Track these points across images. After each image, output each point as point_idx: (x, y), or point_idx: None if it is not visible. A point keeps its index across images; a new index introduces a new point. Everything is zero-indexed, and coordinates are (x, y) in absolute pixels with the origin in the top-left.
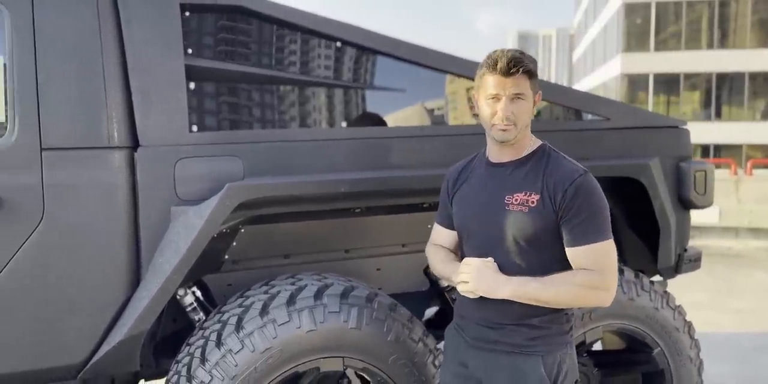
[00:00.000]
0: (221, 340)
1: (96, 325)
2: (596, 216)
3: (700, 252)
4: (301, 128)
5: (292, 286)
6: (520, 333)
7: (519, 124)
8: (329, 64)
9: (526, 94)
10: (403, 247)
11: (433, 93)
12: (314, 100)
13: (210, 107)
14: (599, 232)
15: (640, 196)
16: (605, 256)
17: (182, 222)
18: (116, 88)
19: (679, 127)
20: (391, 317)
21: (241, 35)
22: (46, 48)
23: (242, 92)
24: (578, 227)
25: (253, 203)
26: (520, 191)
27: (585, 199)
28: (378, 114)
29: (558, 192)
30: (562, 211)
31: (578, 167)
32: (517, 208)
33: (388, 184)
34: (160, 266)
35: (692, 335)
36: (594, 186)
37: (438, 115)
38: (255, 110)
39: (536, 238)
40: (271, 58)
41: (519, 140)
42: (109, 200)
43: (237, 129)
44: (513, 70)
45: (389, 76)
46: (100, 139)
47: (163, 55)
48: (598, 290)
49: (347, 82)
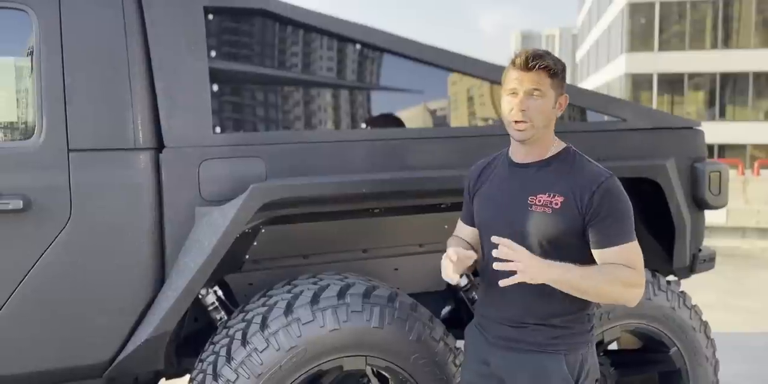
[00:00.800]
0: (246, 339)
1: (122, 324)
2: (623, 218)
3: (714, 252)
4: (322, 129)
5: (315, 286)
6: (542, 332)
7: (536, 121)
8: (348, 67)
9: (545, 91)
10: (420, 247)
11: (452, 95)
12: (334, 102)
13: (233, 109)
14: (627, 233)
15: (655, 196)
16: (636, 256)
17: (207, 222)
18: (141, 90)
19: (694, 127)
20: (412, 317)
21: (263, 38)
22: (72, 49)
23: (264, 94)
24: (607, 229)
25: (276, 204)
26: (543, 192)
27: (612, 202)
28: (398, 115)
29: (585, 195)
30: (589, 215)
31: (603, 170)
32: (540, 210)
33: (410, 184)
34: (185, 266)
35: (708, 335)
36: (620, 189)
37: (457, 117)
38: (277, 112)
39: (558, 240)
40: (292, 60)
41: (539, 140)
42: (135, 201)
43: (259, 130)
44: (531, 64)
45: (410, 78)
46: (125, 140)
47: (187, 57)
48: (634, 287)
49: (367, 84)
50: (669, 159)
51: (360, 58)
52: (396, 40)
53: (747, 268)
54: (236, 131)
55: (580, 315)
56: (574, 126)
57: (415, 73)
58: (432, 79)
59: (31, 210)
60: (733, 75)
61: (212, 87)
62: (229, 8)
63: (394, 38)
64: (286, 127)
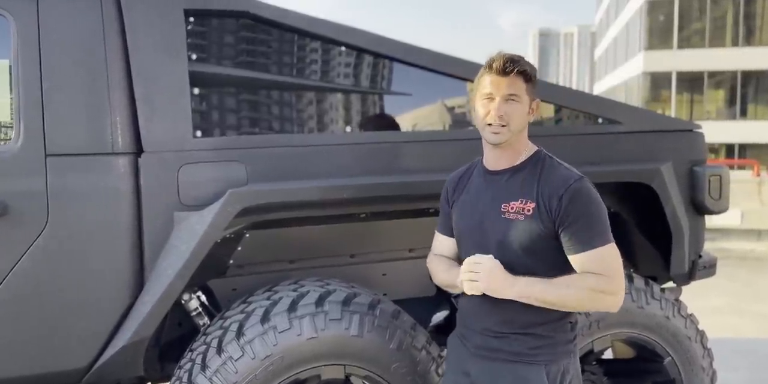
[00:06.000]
0: (222, 347)
1: (100, 330)
2: (595, 221)
3: (715, 258)
4: (304, 133)
5: (294, 293)
6: (523, 341)
7: (512, 126)
8: (334, 69)
9: (521, 96)
10: (410, 252)
11: (439, 96)
12: (318, 105)
13: (213, 113)
14: (600, 236)
15: (652, 201)
16: (611, 260)
17: (185, 227)
18: (120, 94)
19: (693, 130)
20: (393, 325)
21: (245, 41)
22: (50, 54)
23: (246, 98)
24: (578, 234)
25: (258, 208)
26: (516, 199)
27: (581, 205)
28: (383, 118)
29: (553, 199)
30: (559, 219)
31: (573, 173)
32: (513, 217)
33: (392, 189)
34: (163, 271)
35: (705, 344)
36: (589, 191)
37: (444, 119)
38: (258, 116)
39: (534, 247)
40: (275, 63)
41: (513, 144)
42: (113, 206)
43: (240, 134)
44: (509, 70)
45: (396, 80)
46: (104, 145)
47: (166, 61)
48: (606, 294)
49: (352, 87)
50: (665, 162)
51: (345, 60)
52: (382, 42)
53: (761, 272)
54: (216, 135)
55: (562, 323)
56: (567, 129)
57: (402, 74)
58: (419, 80)
59: (8, 215)
60: (754, 73)
61: (192, 91)
62: (211, 11)
63: (381, 40)
64: (268, 131)
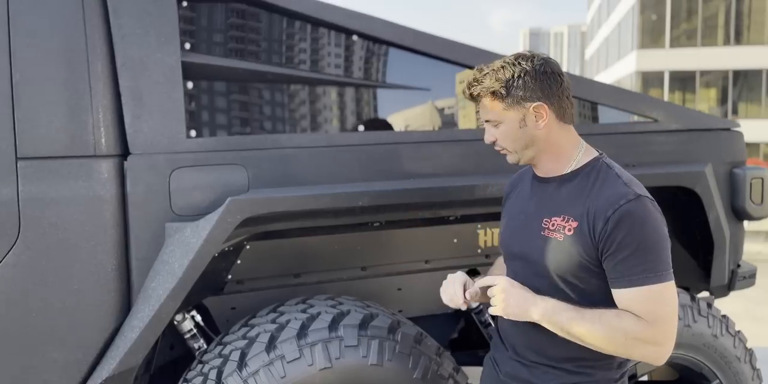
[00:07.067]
0: (222, 380)
1: (80, 359)
2: (647, 252)
3: (755, 268)
4: (313, 133)
5: (304, 314)
6: (554, 375)
7: (510, 148)
8: (345, 61)
9: (499, 116)
10: (426, 264)
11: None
12: (328, 101)
13: (210, 110)
14: (651, 271)
15: (688, 206)
16: (658, 304)
17: (178, 240)
18: (103, 89)
19: (732, 129)
20: (417, 351)
21: (246, 28)
22: (22, 43)
23: (247, 92)
24: (622, 265)
25: (261, 218)
26: (558, 215)
27: (631, 230)
28: (401, 116)
29: (598, 220)
30: (602, 244)
31: (630, 190)
32: (552, 235)
33: (414, 196)
34: (153, 291)
35: (754, 365)
36: (645, 214)
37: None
38: (261, 113)
39: (571, 274)
40: (279, 53)
41: (541, 159)
42: (95, 216)
43: (241, 134)
44: (474, 94)
45: (412, 74)
46: (84, 146)
47: (156, 51)
48: (646, 343)
49: (365, 81)
50: (706, 164)
51: (360, 51)
52: (398, 31)
53: None
54: (214, 135)
55: (605, 363)
56: (598, 128)
57: (420, 67)
58: (440, 74)
59: None
60: (745, 72)
61: (186, 85)
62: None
63: (397, 28)
64: (272, 130)
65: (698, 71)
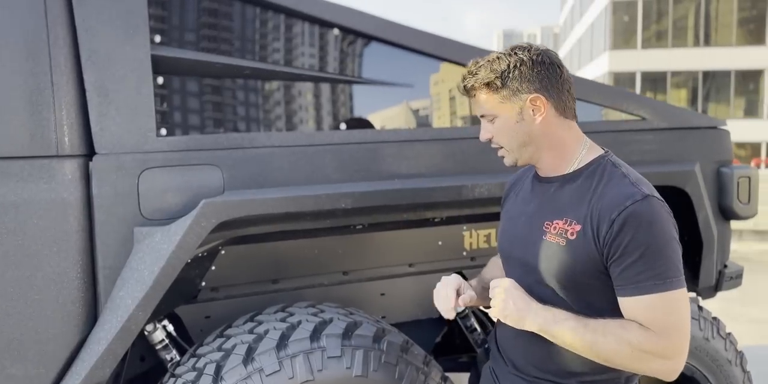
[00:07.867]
0: None
1: (42, 375)
2: (656, 257)
3: (741, 268)
4: (292, 131)
5: (283, 324)
6: None
7: (507, 145)
8: (327, 56)
9: (495, 110)
10: (410, 268)
11: (450, 88)
12: (308, 98)
13: (182, 107)
14: (660, 278)
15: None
16: (667, 313)
17: (148, 246)
18: (66, 84)
19: (719, 127)
20: (403, 360)
21: (221, 20)
22: None
23: (222, 88)
24: (629, 271)
25: (236, 222)
26: (560, 217)
27: (638, 233)
28: (386, 114)
29: (603, 223)
30: (607, 249)
31: (637, 190)
32: (553, 239)
33: (400, 197)
34: (121, 300)
35: (745, 367)
36: (653, 216)
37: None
38: (237, 110)
39: (573, 281)
40: (257, 47)
41: (540, 158)
42: (58, 220)
43: (215, 132)
44: (468, 87)
45: (399, 70)
46: (46, 145)
47: (124, 44)
48: (654, 356)
49: (348, 77)
50: (695, 163)
51: (340, 45)
52: (383, 25)
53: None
54: (186, 134)
55: (611, 377)
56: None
57: (406, 63)
58: (423, 70)
59: None
60: (714, 73)
61: (156, 80)
62: None
63: (382, 23)
64: (249, 129)
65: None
